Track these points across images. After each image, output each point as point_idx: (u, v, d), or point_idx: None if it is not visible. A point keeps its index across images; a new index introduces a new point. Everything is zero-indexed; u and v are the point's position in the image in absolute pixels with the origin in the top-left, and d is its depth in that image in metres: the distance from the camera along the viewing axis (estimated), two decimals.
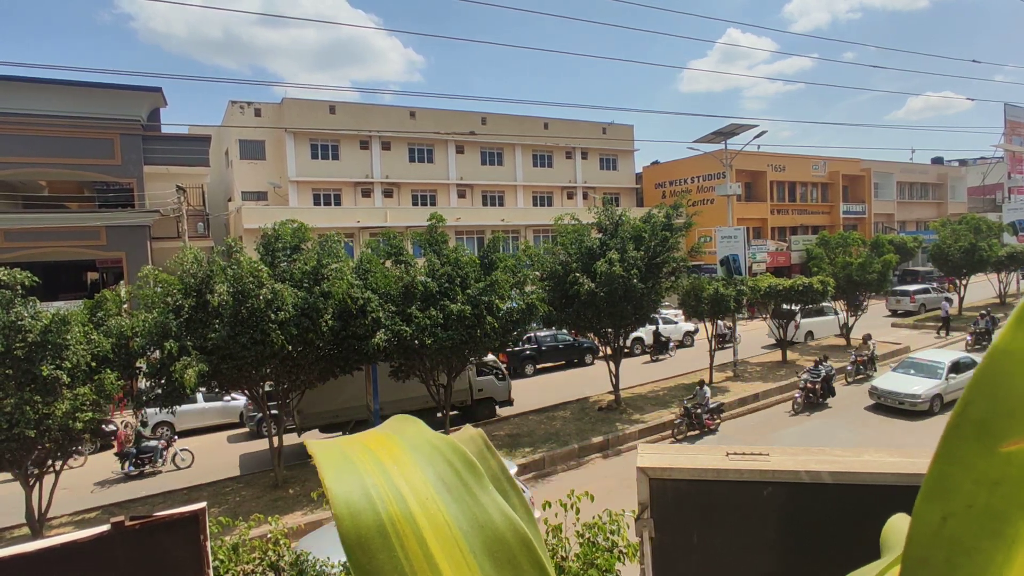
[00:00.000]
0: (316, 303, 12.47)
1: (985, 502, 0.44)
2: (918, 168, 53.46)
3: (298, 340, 12.50)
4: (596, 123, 43.76)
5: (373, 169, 36.72)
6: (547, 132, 41.39)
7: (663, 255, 17.21)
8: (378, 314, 13.49)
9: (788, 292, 21.91)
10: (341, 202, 35.77)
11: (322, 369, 14.13)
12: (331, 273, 12.85)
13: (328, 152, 35.67)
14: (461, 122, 38.54)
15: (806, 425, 17.10)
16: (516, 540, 0.62)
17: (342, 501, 0.60)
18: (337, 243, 14.03)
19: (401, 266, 15.00)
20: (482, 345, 14.72)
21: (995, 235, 31.67)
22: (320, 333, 12.73)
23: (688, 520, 1.17)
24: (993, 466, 0.43)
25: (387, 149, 37.25)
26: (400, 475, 0.65)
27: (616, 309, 16.63)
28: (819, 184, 46.04)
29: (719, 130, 25.90)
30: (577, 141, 42.70)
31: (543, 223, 34.93)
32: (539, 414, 18.80)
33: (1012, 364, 0.42)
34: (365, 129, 35.86)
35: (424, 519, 0.62)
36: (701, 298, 19.78)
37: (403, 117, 37.25)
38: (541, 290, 16.85)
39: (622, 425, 17.05)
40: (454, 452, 0.68)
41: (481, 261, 15.48)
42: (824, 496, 1.11)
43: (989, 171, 51.20)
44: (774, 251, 40.61)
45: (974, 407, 0.43)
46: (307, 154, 34.90)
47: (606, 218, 17.87)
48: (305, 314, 12.51)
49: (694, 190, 40.86)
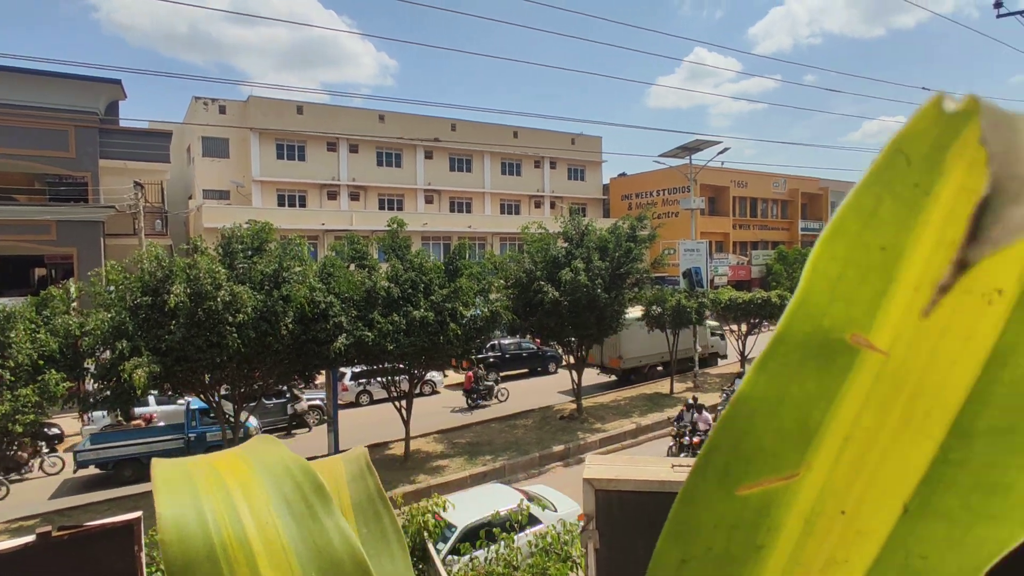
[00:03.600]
0: (276, 306, 12.24)
1: (723, 546, 0.45)
2: None
3: (256, 343, 12.24)
4: (565, 134, 44.17)
5: (340, 171, 36.30)
6: (516, 141, 41.61)
7: (627, 266, 17.44)
8: (340, 319, 13.32)
9: (747, 305, 22.43)
10: (306, 204, 35.24)
11: (281, 373, 13.86)
12: (293, 276, 12.64)
13: (294, 153, 35.13)
14: (430, 127, 38.43)
15: None
16: (353, 565, 0.62)
17: (171, 525, 0.58)
18: (300, 246, 13.81)
19: (365, 270, 14.85)
20: (445, 352, 14.66)
21: None
22: (279, 337, 12.49)
23: (633, 531, 1.18)
24: (731, 509, 0.44)
25: (355, 152, 36.88)
26: (243, 497, 0.64)
27: (580, 318, 16.77)
28: (779, 201, 47.36)
29: (684, 145, 26.45)
30: (546, 151, 43.04)
31: (510, 231, 35.02)
32: (501, 422, 18.78)
33: (753, 409, 0.43)
34: (333, 131, 35.48)
35: (260, 543, 0.61)
36: (664, 309, 20.11)
37: (372, 120, 36.95)
38: (506, 298, 16.88)
39: (583, 434, 17.16)
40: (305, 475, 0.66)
41: (446, 267, 15.43)
42: None
43: None
44: (735, 265, 41.52)
45: (718, 452, 0.44)
46: (272, 154, 34.31)
47: (572, 228, 18.03)
48: (264, 317, 12.26)
49: (659, 203, 41.56)
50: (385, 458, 15.98)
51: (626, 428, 17.43)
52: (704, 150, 26.91)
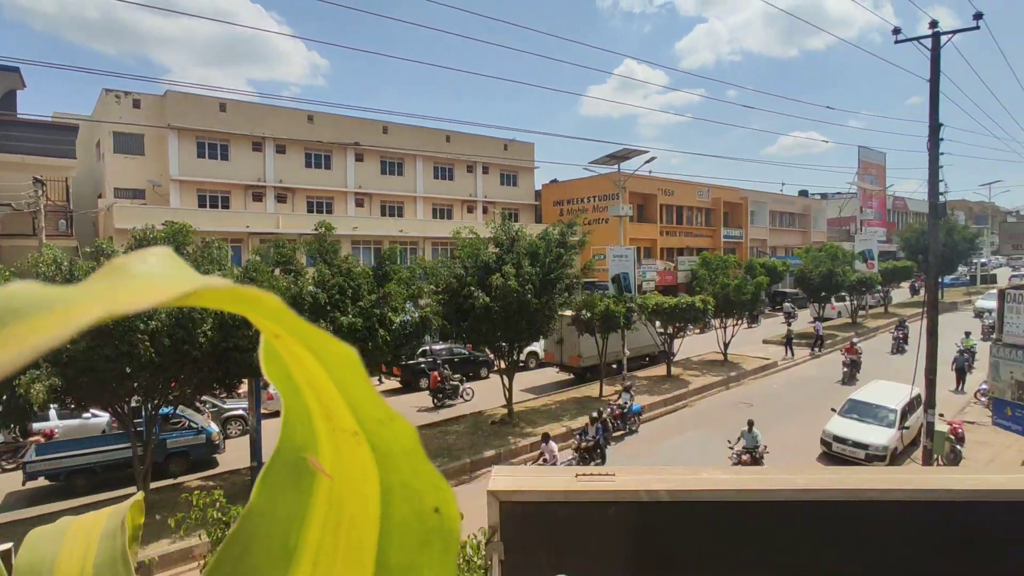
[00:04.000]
0: (193, 312, 11.67)
1: None
2: (787, 199, 58.77)
3: (171, 352, 11.63)
4: (498, 139, 44.42)
5: (266, 172, 35.06)
6: (449, 145, 41.47)
7: (557, 271, 17.70)
8: None
9: (673, 310, 23.24)
10: (229, 205, 33.81)
11: (200, 383, 13.23)
12: None
13: (216, 152, 33.64)
14: (362, 130, 37.77)
15: (686, 436, 18.13)
16: None
17: None
18: (220, 249, 13.24)
19: (290, 275, 14.42)
20: (373, 358, 14.41)
21: (848, 262, 35.36)
22: (197, 344, 11.91)
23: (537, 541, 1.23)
24: None
25: (282, 152, 35.73)
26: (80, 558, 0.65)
27: (511, 323, 16.89)
28: (704, 209, 49.36)
29: (613, 154, 27.15)
30: (479, 156, 43.14)
31: (442, 236, 34.84)
32: (431, 428, 18.62)
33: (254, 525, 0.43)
34: (259, 130, 34.24)
35: None
36: (593, 314, 20.54)
37: (300, 121, 35.92)
38: (436, 303, 16.78)
39: (515, 439, 17.27)
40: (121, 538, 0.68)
41: (374, 272, 15.18)
42: (663, 513, 1.21)
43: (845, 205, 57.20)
44: (662, 270, 42.94)
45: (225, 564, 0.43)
46: (192, 152, 32.72)
47: (503, 233, 18.15)
48: (180, 324, 11.67)
49: (590, 209, 42.45)
50: None
51: (556, 432, 17.65)
52: (632, 159, 27.72)
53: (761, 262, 35.45)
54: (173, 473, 15.40)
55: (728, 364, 26.47)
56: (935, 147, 14.14)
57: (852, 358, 24.32)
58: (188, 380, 12.85)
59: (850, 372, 24.00)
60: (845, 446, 15.32)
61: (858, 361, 24.24)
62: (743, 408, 20.77)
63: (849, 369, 24.09)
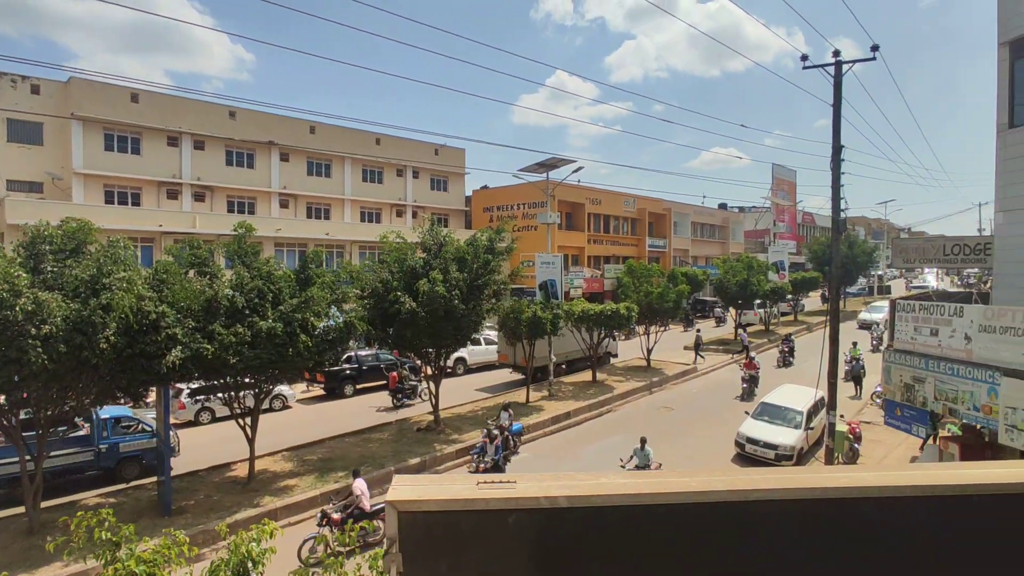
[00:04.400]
0: (94, 316, 10.86)
1: None
2: (708, 211, 61.52)
3: (68, 358, 10.78)
4: (429, 144, 44.14)
5: (182, 169, 33.27)
6: (379, 148, 40.82)
7: (485, 277, 17.72)
8: (174, 330, 12.15)
9: (599, 316, 23.77)
10: (141, 202, 31.83)
11: (101, 391, 12.32)
12: (115, 283, 11.28)
13: (127, 145, 31.61)
14: (288, 129, 36.56)
15: (609, 440, 18.53)
16: None
17: None
18: (125, 248, 12.40)
19: (206, 278, 13.71)
20: (294, 364, 13.91)
21: (762, 272, 37.38)
22: (98, 351, 11.09)
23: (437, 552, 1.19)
24: None
25: (200, 149, 34.03)
26: None
27: (437, 329, 16.75)
28: (629, 219, 50.88)
29: (542, 162, 27.54)
30: (409, 160, 42.69)
31: (370, 239, 34.17)
32: (356, 436, 18.18)
33: None
34: (175, 125, 32.47)
35: None
36: (520, 320, 20.70)
37: (221, 116, 34.35)
38: (361, 308, 16.42)
39: (440, 445, 17.12)
40: None
41: (297, 276, 14.68)
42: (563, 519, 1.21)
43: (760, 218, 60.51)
44: (589, 278, 43.87)
45: None
46: (99, 144, 30.60)
47: (430, 238, 18.01)
48: (79, 328, 10.83)
49: (519, 216, 42.85)
50: (225, 481, 14.80)
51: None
52: (561, 167, 28.21)
53: (683, 271, 36.89)
54: (125, 478, 15.00)
55: (651, 370, 27.33)
56: (837, 167, 15.19)
57: (751, 373, 23.48)
58: (87, 389, 11.94)
59: (749, 388, 23.13)
60: (757, 447, 16.12)
61: (756, 376, 23.44)
62: (664, 412, 21.52)
63: (748, 385, 23.19)
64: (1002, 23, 11.83)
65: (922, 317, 11.65)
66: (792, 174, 57.35)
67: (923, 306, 11.76)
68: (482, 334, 28.09)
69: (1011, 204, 11.74)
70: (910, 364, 11.83)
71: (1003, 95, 11.84)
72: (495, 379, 26.95)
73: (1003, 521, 1.23)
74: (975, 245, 14.45)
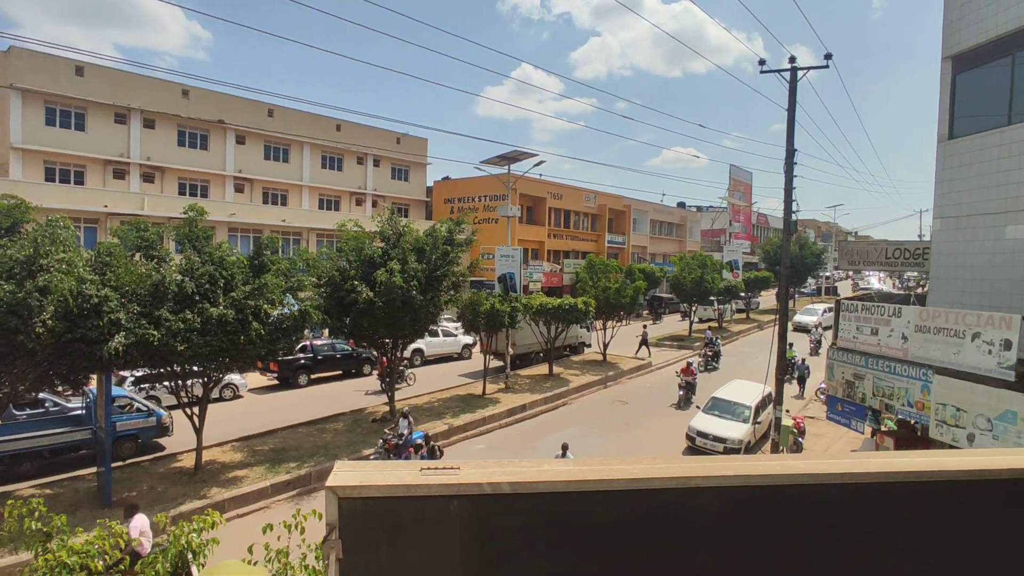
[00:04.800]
0: (30, 299, 10.36)
1: None
2: (667, 210, 62.61)
3: (1, 343, 10.26)
4: (391, 132, 43.56)
5: (131, 148, 31.96)
6: (339, 135, 40.07)
7: (444, 268, 17.62)
8: (118, 315, 11.67)
9: (556, 311, 23.95)
10: (84, 181, 30.45)
11: (37, 378, 11.76)
12: (54, 264, 10.78)
13: (70, 120, 30.17)
14: (245, 110, 35.50)
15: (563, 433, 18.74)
16: None
17: None
18: (65, 228, 11.84)
19: (152, 261, 13.20)
20: (246, 353, 13.56)
21: (717, 271, 38.32)
22: (34, 335, 10.58)
23: (378, 539, 1.19)
24: None
25: (150, 128, 32.74)
26: None
27: (394, 319, 16.59)
28: (590, 215, 51.35)
29: (504, 155, 27.48)
30: (370, 148, 42.03)
31: (328, 227, 33.58)
32: (309, 426, 17.88)
33: None
34: (123, 101, 31.12)
35: None
36: (478, 312, 20.69)
37: (174, 94, 33.10)
38: (317, 297, 16.12)
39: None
40: None
41: (250, 262, 14.29)
42: (506, 506, 1.21)
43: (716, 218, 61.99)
44: (549, 272, 44.14)
45: None
46: (40, 118, 29.10)
47: (389, 228, 17.78)
48: (14, 311, 10.32)
49: (480, 208, 42.74)
50: (171, 472, 14.37)
51: (438, 429, 17.59)
52: (522, 161, 28.22)
53: (641, 267, 37.53)
54: (122, 457, 15.12)
55: (607, 364, 27.71)
56: (790, 169, 15.67)
57: (687, 380, 22.13)
58: (22, 375, 11.39)
59: (685, 396, 21.88)
60: (707, 440, 16.56)
61: (693, 384, 22.14)
62: (619, 406, 21.87)
63: (684, 392, 21.91)
64: (946, 37, 12.39)
65: (863, 317, 12.15)
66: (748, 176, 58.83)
67: (865, 306, 12.27)
68: (440, 326, 27.98)
69: (948, 212, 12.34)
70: (851, 362, 12.34)
71: (944, 107, 12.41)
72: (476, 366, 26.62)
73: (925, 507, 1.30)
74: (915, 250, 15.15)
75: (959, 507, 1.31)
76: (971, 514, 1.31)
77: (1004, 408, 9.29)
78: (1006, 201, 11.19)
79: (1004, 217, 11.24)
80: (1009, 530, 1.32)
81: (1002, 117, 11.41)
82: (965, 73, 12.20)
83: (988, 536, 1.32)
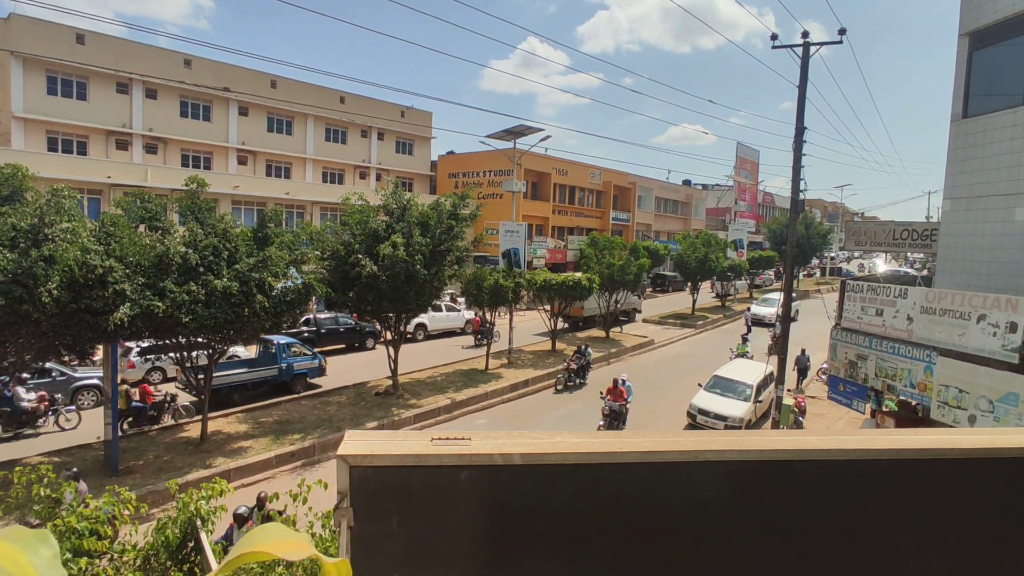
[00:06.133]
0: (35, 268, 10.38)
1: None
2: (672, 187, 62.15)
3: (6, 312, 10.30)
4: (395, 105, 43.10)
5: (133, 118, 31.73)
6: (343, 107, 39.67)
7: (448, 243, 17.58)
8: (122, 286, 11.70)
9: (560, 287, 23.94)
10: (87, 152, 30.32)
11: (42, 348, 11.85)
12: (59, 234, 10.77)
13: (72, 90, 29.91)
14: (248, 80, 35.13)
15: (569, 408, 18.88)
16: None
17: None
18: (70, 198, 11.81)
19: (157, 233, 13.19)
20: (250, 325, 13.61)
21: (721, 249, 38.16)
22: (39, 305, 10.62)
23: (388, 507, 1.19)
24: None
25: (152, 98, 32.46)
26: None
27: (398, 293, 16.60)
28: (595, 191, 51.02)
29: (509, 129, 27.23)
30: (374, 120, 41.65)
31: (332, 201, 33.44)
32: (313, 399, 18.05)
33: None
34: (125, 69, 30.79)
35: None
36: (482, 288, 20.69)
37: (176, 63, 32.74)
38: (322, 270, 16.12)
39: (398, 410, 17.14)
40: None
41: (255, 235, 14.27)
42: (516, 476, 1.21)
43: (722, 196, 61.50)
44: (553, 248, 44.02)
45: None
46: (42, 87, 28.87)
47: (394, 202, 17.69)
48: (18, 280, 10.34)
49: (485, 183, 42.47)
50: (177, 441, 14.55)
51: (441, 404, 17.74)
52: (528, 135, 27.98)
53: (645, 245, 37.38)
54: (297, 391, 18.58)
55: (610, 341, 27.79)
56: (799, 147, 15.49)
57: (613, 406, 16.17)
58: (28, 345, 11.46)
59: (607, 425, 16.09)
60: (708, 418, 16.66)
61: (621, 412, 16.25)
62: None
63: (606, 423, 16.12)
64: (964, 14, 12.12)
65: (869, 298, 12.11)
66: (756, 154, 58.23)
67: (871, 287, 12.22)
68: (443, 301, 28.03)
69: (958, 192, 12.20)
70: (855, 343, 12.33)
71: (959, 85, 12.20)
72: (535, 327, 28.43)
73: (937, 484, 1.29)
74: (922, 231, 15.03)
75: (972, 484, 1.31)
76: (984, 491, 1.31)
77: (1006, 390, 9.31)
78: (1018, 183, 11.05)
79: (1015, 199, 11.12)
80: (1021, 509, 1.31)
81: (1017, 97, 11.22)
82: (982, 51, 11.96)
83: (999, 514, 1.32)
